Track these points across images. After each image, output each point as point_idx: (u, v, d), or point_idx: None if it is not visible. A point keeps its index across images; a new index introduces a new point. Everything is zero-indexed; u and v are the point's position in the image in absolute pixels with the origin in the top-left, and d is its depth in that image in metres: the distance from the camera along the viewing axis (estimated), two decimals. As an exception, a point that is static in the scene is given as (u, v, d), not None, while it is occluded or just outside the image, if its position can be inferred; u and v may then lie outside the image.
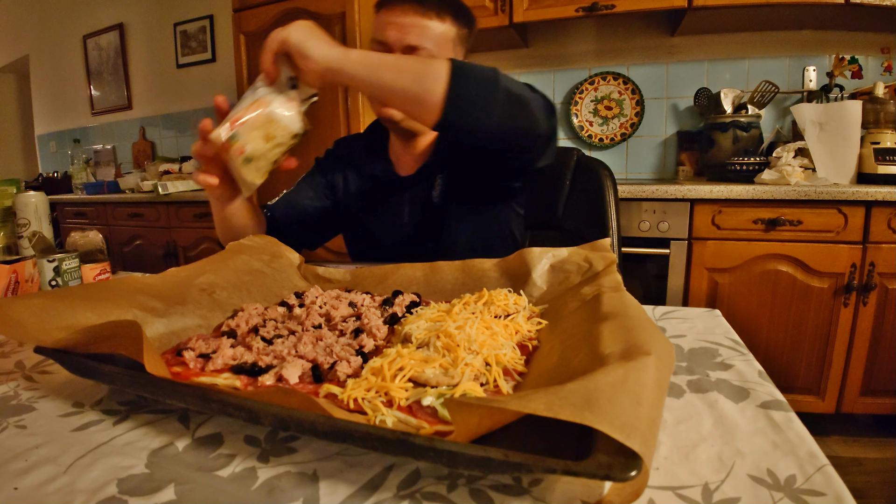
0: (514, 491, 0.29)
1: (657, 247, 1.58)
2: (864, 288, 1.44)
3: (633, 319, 0.38)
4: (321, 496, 0.29)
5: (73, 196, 2.79)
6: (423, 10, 0.77)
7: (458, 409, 0.28)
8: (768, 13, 1.71)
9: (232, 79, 2.20)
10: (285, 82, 0.65)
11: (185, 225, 2.32)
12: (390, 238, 0.92)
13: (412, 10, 0.77)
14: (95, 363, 0.39)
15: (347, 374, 0.40)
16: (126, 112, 3.24)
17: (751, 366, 0.46)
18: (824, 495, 0.28)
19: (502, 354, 0.41)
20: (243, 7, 2.06)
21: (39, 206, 1.05)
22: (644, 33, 2.05)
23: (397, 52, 0.77)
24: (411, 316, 0.50)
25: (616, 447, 0.25)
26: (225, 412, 0.33)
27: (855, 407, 1.52)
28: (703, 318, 0.60)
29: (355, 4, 1.84)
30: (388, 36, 0.77)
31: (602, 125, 2.17)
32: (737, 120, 1.79)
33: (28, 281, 0.74)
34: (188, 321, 0.53)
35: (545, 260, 0.61)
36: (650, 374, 0.29)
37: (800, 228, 1.46)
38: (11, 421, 0.38)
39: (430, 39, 0.77)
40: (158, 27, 3.01)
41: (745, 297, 1.54)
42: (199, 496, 0.29)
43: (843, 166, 1.59)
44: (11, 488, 0.30)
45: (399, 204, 0.91)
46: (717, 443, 0.33)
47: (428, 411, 0.34)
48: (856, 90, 1.79)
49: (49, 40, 3.54)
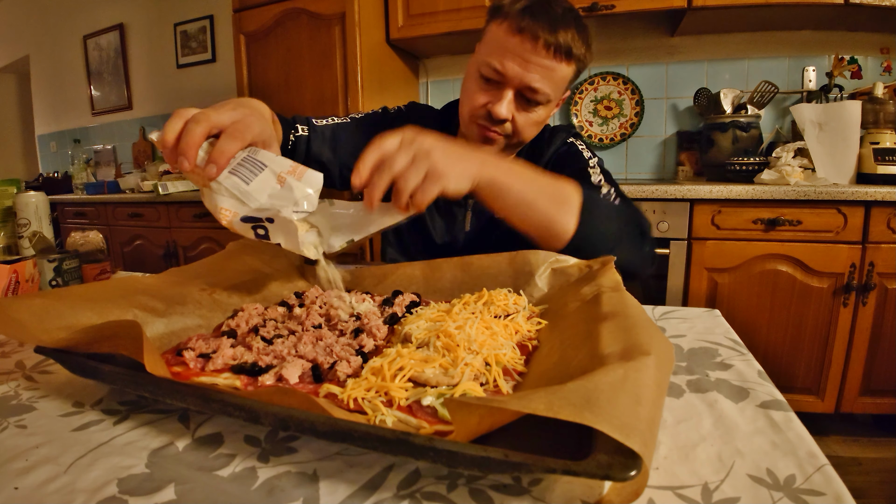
0: (513, 491, 0.29)
1: (657, 247, 1.59)
2: (864, 288, 1.44)
3: (632, 319, 0.38)
4: (321, 496, 0.29)
5: (73, 196, 2.79)
6: (557, 51, 0.69)
7: (458, 408, 0.28)
8: (768, 13, 1.71)
9: (232, 79, 2.20)
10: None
11: (185, 225, 2.32)
12: (442, 236, 0.88)
13: (545, 49, 0.68)
14: (96, 363, 0.39)
15: (347, 373, 0.40)
16: (126, 112, 3.25)
17: (750, 366, 0.46)
18: (824, 495, 0.28)
19: (502, 354, 0.41)
20: (243, 7, 2.06)
21: (40, 206, 1.05)
22: (644, 33, 2.05)
23: (513, 87, 0.72)
24: (411, 316, 0.50)
25: (616, 447, 0.25)
26: (225, 412, 0.33)
27: (854, 407, 1.52)
28: (702, 318, 0.60)
29: (355, 4, 1.84)
30: (508, 68, 0.70)
31: (602, 125, 2.17)
32: (736, 120, 1.79)
33: (28, 281, 0.74)
34: (188, 321, 0.53)
35: (548, 263, 0.61)
36: (650, 373, 0.29)
37: (799, 228, 1.46)
38: (12, 421, 0.38)
39: (552, 83, 0.71)
40: (159, 27, 3.01)
41: (744, 297, 1.54)
42: (199, 496, 0.29)
43: (842, 166, 1.59)
44: (12, 488, 0.30)
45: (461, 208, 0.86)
46: (716, 443, 0.34)
47: (428, 411, 0.34)
48: (855, 90, 1.79)
49: (49, 40, 3.54)
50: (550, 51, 0.69)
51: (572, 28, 0.70)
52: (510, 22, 0.70)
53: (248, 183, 0.48)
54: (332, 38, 1.90)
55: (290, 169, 0.50)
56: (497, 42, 0.71)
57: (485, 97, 0.74)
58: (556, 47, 0.68)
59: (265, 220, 0.48)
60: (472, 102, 0.76)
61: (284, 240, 0.49)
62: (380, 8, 1.99)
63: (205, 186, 0.49)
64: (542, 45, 0.68)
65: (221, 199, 0.48)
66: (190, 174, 0.49)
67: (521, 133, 0.77)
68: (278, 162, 0.50)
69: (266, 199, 0.48)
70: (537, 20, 0.68)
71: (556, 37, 0.68)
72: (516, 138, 0.78)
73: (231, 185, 0.48)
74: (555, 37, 0.68)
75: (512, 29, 0.69)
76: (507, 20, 0.70)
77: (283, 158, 0.51)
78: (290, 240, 0.49)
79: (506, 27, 0.70)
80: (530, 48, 0.68)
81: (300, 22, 1.95)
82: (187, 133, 0.46)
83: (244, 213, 0.48)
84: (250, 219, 0.48)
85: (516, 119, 0.75)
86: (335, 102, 1.93)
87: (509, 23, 0.70)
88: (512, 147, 0.80)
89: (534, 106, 0.74)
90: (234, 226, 0.49)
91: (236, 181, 0.48)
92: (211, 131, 0.48)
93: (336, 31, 1.88)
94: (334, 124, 0.87)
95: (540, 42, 0.68)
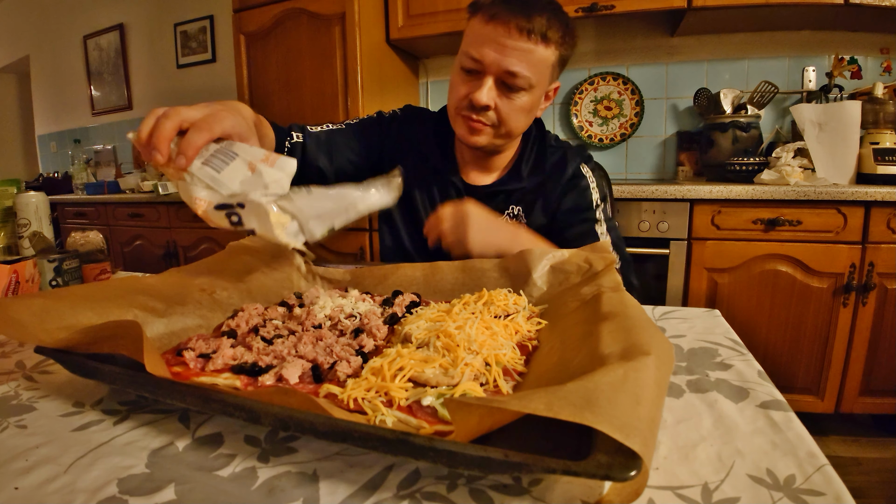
0: (513, 491, 0.29)
1: (657, 247, 1.59)
2: (864, 288, 1.44)
3: (632, 319, 0.38)
4: (321, 496, 0.29)
5: (73, 196, 2.79)
6: (531, 33, 0.70)
7: (458, 408, 0.28)
8: (768, 13, 1.71)
9: (232, 79, 2.21)
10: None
11: (185, 225, 2.32)
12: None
13: (518, 32, 0.70)
14: (96, 363, 0.39)
15: (347, 374, 0.40)
16: (126, 112, 3.25)
17: (750, 366, 0.46)
18: (823, 495, 0.28)
19: (502, 354, 0.41)
20: (243, 7, 2.06)
21: (40, 206, 1.05)
22: (644, 34, 2.05)
23: (492, 74, 0.73)
24: (411, 316, 0.50)
25: (616, 447, 0.25)
26: (225, 412, 0.33)
27: (854, 407, 1.52)
28: (702, 318, 0.60)
29: (355, 4, 1.84)
30: (485, 54, 0.71)
31: (602, 125, 2.17)
32: (736, 120, 1.79)
33: (29, 281, 0.74)
34: (188, 321, 0.53)
35: (546, 261, 0.61)
36: (650, 373, 0.29)
37: (799, 228, 1.46)
38: (12, 421, 0.39)
39: (531, 66, 0.72)
40: (159, 27, 3.01)
41: (744, 297, 1.54)
42: (199, 496, 0.29)
43: (842, 166, 1.59)
44: (12, 488, 0.30)
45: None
46: (716, 443, 0.34)
47: (428, 411, 0.34)
48: (855, 90, 1.79)
49: (49, 41, 3.54)
50: (524, 33, 0.70)
51: (546, 12, 0.72)
52: (483, 12, 0.73)
53: (220, 171, 0.48)
54: (331, 38, 1.90)
55: (264, 157, 0.51)
56: (474, 33, 0.74)
57: (466, 88, 0.76)
58: (528, 30, 0.70)
59: (236, 205, 0.49)
60: (455, 95, 0.78)
61: (258, 225, 0.50)
62: (380, 8, 1.99)
63: (180, 179, 0.50)
64: (515, 28, 0.70)
65: (196, 190, 0.49)
66: (164, 168, 0.50)
67: (507, 121, 0.77)
68: (251, 152, 0.51)
69: (238, 185, 0.49)
70: (510, 6, 0.71)
71: (531, 21, 0.70)
72: (504, 127, 0.78)
73: (204, 175, 0.48)
74: (528, 20, 0.70)
75: (486, 17, 0.72)
76: (481, 11, 0.73)
77: (257, 149, 0.52)
78: (263, 224, 0.49)
79: (480, 18, 0.73)
80: (504, 32, 0.70)
81: (300, 22, 1.95)
82: (158, 128, 0.48)
83: (217, 200, 0.48)
84: (223, 206, 0.49)
85: (500, 107, 0.76)
86: (335, 102, 1.93)
87: (482, 13, 0.73)
88: (501, 137, 0.80)
89: (516, 92, 0.75)
90: (209, 215, 0.50)
91: (209, 171, 0.49)
92: (182, 125, 0.50)
93: (336, 31, 1.88)
94: (329, 130, 0.88)
95: (512, 25, 0.70)
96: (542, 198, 0.86)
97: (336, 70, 1.91)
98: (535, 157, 0.88)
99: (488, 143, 0.80)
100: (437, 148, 0.89)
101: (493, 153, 0.86)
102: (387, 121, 0.94)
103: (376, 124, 0.93)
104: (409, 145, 0.91)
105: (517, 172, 0.87)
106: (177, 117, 0.49)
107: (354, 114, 1.90)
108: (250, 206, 0.49)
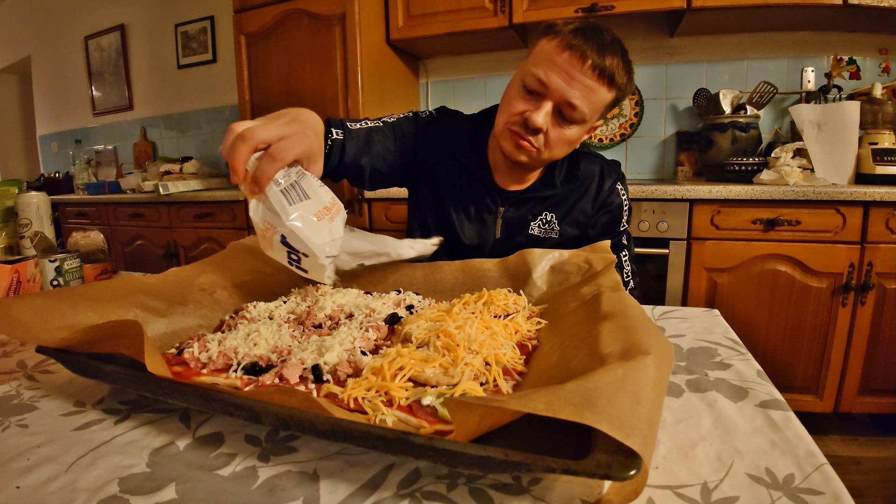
0: (513, 490, 0.30)
1: (656, 247, 1.59)
2: (863, 288, 1.44)
3: (632, 319, 0.38)
4: (321, 495, 0.29)
5: (74, 196, 2.79)
6: (602, 73, 0.71)
7: (458, 408, 0.28)
8: (767, 14, 1.71)
9: (232, 79, 2.21)
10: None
11: (185, 225, 2.32)
12: (472, 238, 0.91)
13: (591, 69, 0.71)
14: (97, 363, 0.39)
15: (347, 373, 0.40)
16: (127, 113, 3.24)
17: (749, 365, 0.46)
18: (822, 494, 0.28)
19: (502, 354, 0.41)
20: (244, 8, 2.06)
21: (41, 206, 1.05)
22: (643, 34, 2.05)
23: (553, 100, 0.73)
24: (411, 316, 0.50)
25: (615, 446, 0.25)
26: (226, 411, 0.33)
27: (853, 406, 1.52)
28: (701, 318, 0.60)
29: (355, 5, 1.84)
30: (552, 80, 0.72)
31: (602, 125, 2.17)
32: (735, 120, 1.79)
33: (30, 281, 0.74)
34: (189, 321, 0.54)
35: (546, 261, 0.61)
36: (649, 373, 0.29)
37: (798, 228, 1.46)
38: (13, 420, 0.39)
39: (590, 103, 0.74)
40: (159, 28, 3.01)
41: (743, 296, 1.54)
42: (199, 495, 0.30)
43: (841, 167, 1.60)
44: (13, 487, 0.30)
45: (492, 215, 0.90)
46: (715, 442, 0.34)
47: (428, 411, 0.34)
48: (854, 91, 1.79)
49: (50, 41, 3.54)
50: (595, 72, 0.71)
51: (619, 56, 0.73)
52: (561, 38, 0.73)
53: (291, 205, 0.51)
54: (332, 39, 1.90)
55: (329, 204, 0.53)
56: (545, 55, 0.74)
57: (524, 105, 0.76)
58: (601, 70, 0.71)
59: (301, 254, 0.51)
60: (510, 109, 0.78)
61: (310, 271, 0.53)
62: (380, 8, 1.99)
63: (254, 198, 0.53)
64: (589, 66, 0.71)
65: (267, 214, 0.51)
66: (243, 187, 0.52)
67: (551, 148, 0.78)
68: (319, 195, 0.53)
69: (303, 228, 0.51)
70: (588, 41, 0.71)
71: (604, 60, 0.71)
72: (546, 153, 0.79)
73: (276, 201, 0.50)
74: (602, 60, 0.71)
75: (562, 45, 0.72)
76: (559, 37, 0.73)
77: (324, 191, 0.54)
78: (316, 273, 0.53)
79: (556, 43, 0.73)
80: (577, 65, 0.71)
81: (300, 22, 1.95)
82: (234, 151, 0.49)
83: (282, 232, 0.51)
84: (289, 245, 0.51)
85: (549, 133, 0.76)
86: (335, 103, 1.93)
87: (560, 39, 0.73)
88: (541, 160, 0.81)
89: (569, 124, 0.76)
90: (272, 243, 0.52)
91: (283, 200, 0.51)
92: (258, 147, 0.50)
93: (336, 31, 1.89)
94: (367, 128, 0.88)
95: (588, 62, 0.70)
96: (575, 206, 0.88)
97: (336, 70, 1.91)
98: (568, 164, 0.89)
99: (529, 161, 0.81)
100: (471, 151, 0.90)
101: (527, 168, 0.88)
102: (423, 121, 0.94)
103: (412, 124, 0.94)
104: (442, 146, 0.92)
105: (550, 179, 0.88)
106: (252, 140, 0.50)
107: (355, 114, 1.90)
108: (312, 260, 0.51)
